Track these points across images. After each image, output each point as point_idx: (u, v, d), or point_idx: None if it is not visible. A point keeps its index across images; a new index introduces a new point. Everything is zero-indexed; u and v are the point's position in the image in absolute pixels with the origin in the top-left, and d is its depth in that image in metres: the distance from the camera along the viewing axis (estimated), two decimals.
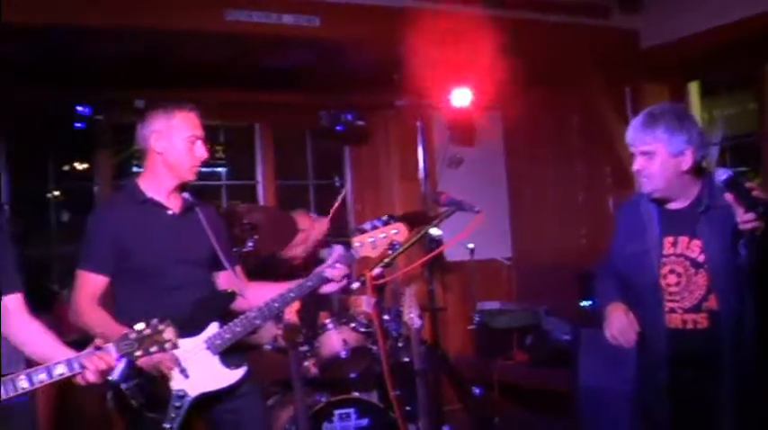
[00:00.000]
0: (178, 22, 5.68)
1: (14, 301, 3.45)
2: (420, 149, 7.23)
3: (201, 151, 4.12)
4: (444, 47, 6.13)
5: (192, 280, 4.12)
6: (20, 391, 3.14)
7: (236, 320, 4.07)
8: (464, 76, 7.07)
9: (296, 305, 4.49)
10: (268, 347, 5.46)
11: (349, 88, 7.15)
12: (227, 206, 6.83)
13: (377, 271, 4.17)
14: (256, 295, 4.19)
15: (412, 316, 5.06)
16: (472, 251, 7.04)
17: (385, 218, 4.22)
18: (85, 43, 5.92)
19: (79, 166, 7.62)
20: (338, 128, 7.40)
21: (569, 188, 7.75)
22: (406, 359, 5.71)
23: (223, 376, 4.04)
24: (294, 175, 8.20)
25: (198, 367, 3.95)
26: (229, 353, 4.07)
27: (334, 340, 5.56)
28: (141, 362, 3.44)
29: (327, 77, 6.93)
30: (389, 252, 4.33)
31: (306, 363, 5.52)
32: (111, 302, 4.11)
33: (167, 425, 3.83)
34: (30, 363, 3.37)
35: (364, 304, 5.91)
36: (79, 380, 3.24)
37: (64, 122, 6.81)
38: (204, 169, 4.31)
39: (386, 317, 5.86)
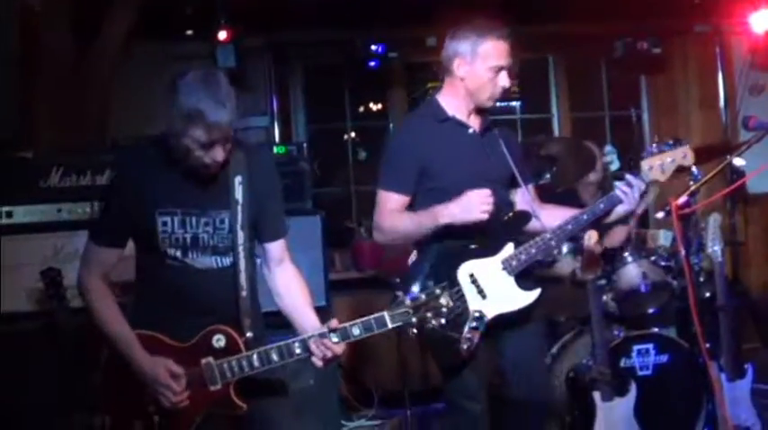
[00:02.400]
0: None
1: (277, 248, 3.54)
2: (720, 76, 6.97)
3: (505, 81, 4.02)
4: None
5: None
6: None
7: (531, 242, 4.00)
8: None
9: (595, 235, 4.38)
10: None
11: (645, 15, 6.94)
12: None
13: (682, 200, 3.99)
14: (550, 217, 4.11)
15: (716, 248, 4.88)
16: None
17: (671, 141, 4.04)
18: None
19: (374, 107, 7.84)
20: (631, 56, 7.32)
21: None
22: (707, 294, 5.52)
23: (518, 297, 3.98)
24: (589, 107, 8.09)
25: (494, 288, 3.94)
26: (524, 277, 4.02)
27: (634, 274, 5.43)
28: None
29: (622, 5, 6.75)
30: (690, 182, 4.16)
31: (604, 298, 5.41)
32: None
33: (464, 346, 3.84)
34: None
35: (662, 238, 5.74)
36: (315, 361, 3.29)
37: (359, 62, 7.00)
38: (499, 103, 4.24)
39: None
